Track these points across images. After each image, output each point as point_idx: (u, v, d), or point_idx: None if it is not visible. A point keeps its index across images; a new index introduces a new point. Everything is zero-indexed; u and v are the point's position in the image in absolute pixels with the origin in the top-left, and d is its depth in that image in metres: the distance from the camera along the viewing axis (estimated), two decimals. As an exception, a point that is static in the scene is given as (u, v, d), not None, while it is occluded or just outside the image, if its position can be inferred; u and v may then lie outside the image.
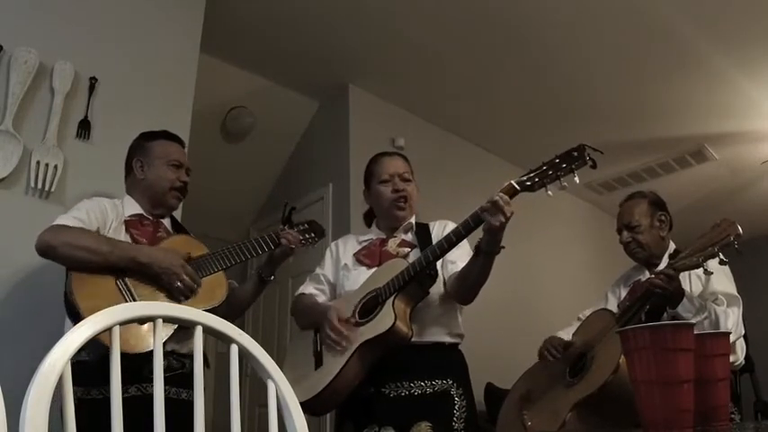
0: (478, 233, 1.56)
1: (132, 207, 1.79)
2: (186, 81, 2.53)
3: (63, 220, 1.60)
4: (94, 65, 2.24)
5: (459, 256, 1.72)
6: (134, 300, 1.54)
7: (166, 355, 1.52)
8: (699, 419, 1.12)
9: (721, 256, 1.51)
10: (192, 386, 1.58)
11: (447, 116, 4.03)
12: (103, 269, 1.53)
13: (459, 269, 1.68)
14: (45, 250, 1.53)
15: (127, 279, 1.56)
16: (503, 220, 1.45)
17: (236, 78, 3.56)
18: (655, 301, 1.72)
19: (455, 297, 1.74)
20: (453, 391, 1.66)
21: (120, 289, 1.54)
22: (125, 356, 0.83)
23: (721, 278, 1.80)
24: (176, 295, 1.58)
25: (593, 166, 1.45)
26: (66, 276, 1.53)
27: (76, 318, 1.47)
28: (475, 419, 1.70)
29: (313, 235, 1.90)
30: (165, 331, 1.44)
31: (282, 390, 0.96)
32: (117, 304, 1.46)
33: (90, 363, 1.38)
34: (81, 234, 1.56)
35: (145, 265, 1.55)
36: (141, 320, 0.91)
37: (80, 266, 1.52)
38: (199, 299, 1.60)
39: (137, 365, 1.36)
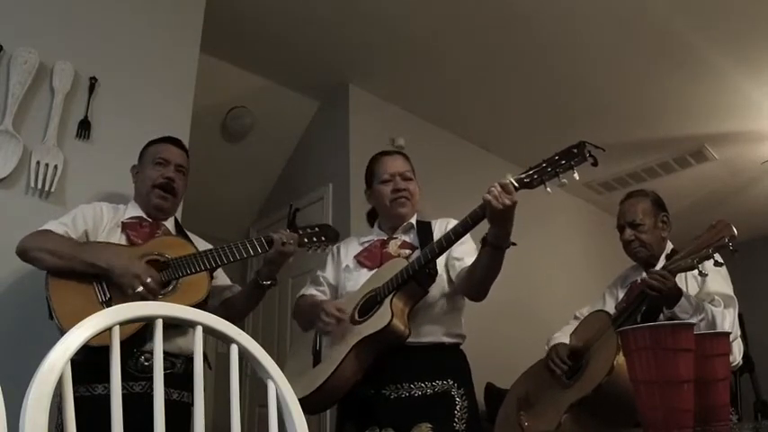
0: (481, 232, 1.56)
1: (134, 210, 1.82)
2: (186, 81, 2.53)
3: (49, 225, 1.64)
4: (94, 65, 2.24)
5: (465, 253, 1.72)
6: (105, 293, 1.55)
7: (149, 354, 1.53)
8: (699, 419, 1.12)
9: (716, 258, 1.50)
10: (184, 387, 1.60)
11: (447, 116, 4.03)
12: (79, 272, 1.55)
13: (467, 265, 1.67)
14: (20, 253, 1.59)
15: (103, 280, 1.57)
16: (507, 202, 1.42)
17: (236, 78, 3.56)
18: (651, 301, 1.72)
19: (465, 293, 1.73)
20: (454, 392, 1.66)
21: (93, 284, 1.56)
22: (107, 352, 0.83)
23: (717, 279, 1.79)
24: (134, 299, 1.55)
25: (595, 164, 1.43)
26: (46, 280, 1.56)
27: (51, 314, 1.51)
28: (477, 420, 1.70)
29: (323, 239, 1.86)
30: (130, 329, 1.43)
31: (282, 390, 0.96)
32: (89, 299, 1.50)
33: (74, 362, 1.40)
34: (52, 239, 1.59)
35: (105, 270, 1.55)
36: (141, 320, 0.91)
37: (52, 270, 1.55)
38: (175, 299, 1.59)
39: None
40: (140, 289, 1.52)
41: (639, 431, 1.15)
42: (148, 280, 1.53)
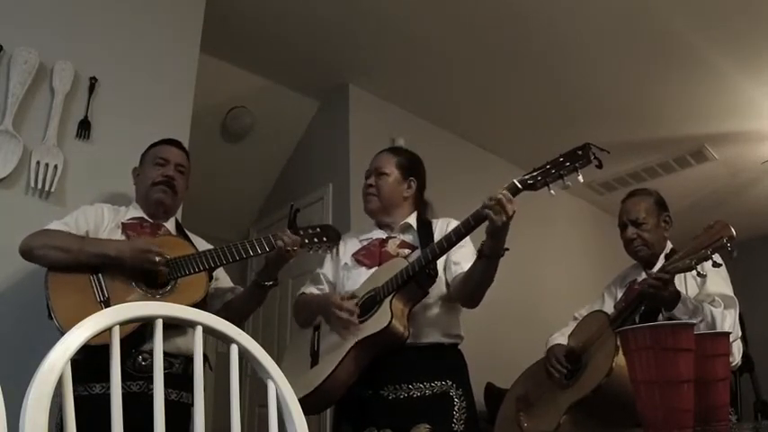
0: (481, 234, 1.55)
1: (135, 212, 1.84)
2: (186, 81, 2.53)
3: (50, 225, 1.66)
4: (94, 65, 2.24)
5: (464, 257, 1.71)
6: (103, 293, 1.56)
7: (147, 354, 1.54)
8: (699, 419, 1.12)
9: (714, 259, 1.50)
10: (183, 387, 1.60)
11: (448, 116, 4.03)
12: (78, 267, 1.57)
13: (464, 270, 1.67)
14: (24, 252, 1.60)
15: (100, 274, 1.58)
16: (504, 219, 1.43)
17: (236, 78, 3.56)
18: (650, 303, 1.72)
19: (459, 300, 1.73)
20: (453, 392, 1.65)
21: (92, 284, 1.57)
22: (106, 351, 0.83)
23: (717, 280, 1.78)
24: (158, 270, 1.59)
25: (599, 166, 1.42)
26: (46, 279, 1.57)
27: (49, 313, 1.52)
28: (475, 420, 1.69)
29: (325, 239, 1.85)
30: (128, 328, 1.43)
31: (282, 390, 0.96)
32: (87, 298, 1.51)
33: (73, 361, 1.40)
34: (57, 235, 1.61)
35: (115, 258, 1.58)
36: (141, 320, 0.91)
37: (55, 266, 1.57)
38: (173, 299, 1.60)
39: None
40: (158, 258, 1.57)
41: (639, 431, 1.15)
42: (157, 249, 1.58)
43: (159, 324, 0.89)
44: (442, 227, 1.81)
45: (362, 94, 3.74)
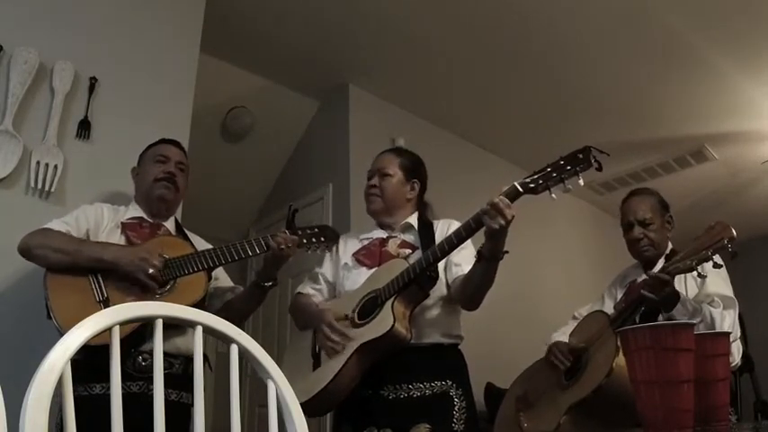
0: (482, 237, 1.55)
1: (135, 211, 1.83)
2: (186, 81, 2.53)
3: (50, 224, 1.66)
4: (94, 65, 2.24)
5: (464, 259, 1.70)
6: (102, 293, 1.56)
7: (147, 354, 1.54)
8: (699, 419, 1.12)
9: (715, 260, 1.49)
10: (183, 387, 1.60)
11: (448, 116, 4.03)
12: (78, 268, 1.57)
13: (464, 272, 1.67)
14: (23, 251, 1.60)
15: (99, 275, 1.59)
16: (502, 223, 1.43)
17: (236, 78, 3.56)
18: (649, 304, 1.71)
19: (459, 303, 1.73)
20: (452, 392, 1.65)
21: (91, 284, 1.57)
22: (106, 351, 0.83)
23: (717, 280, 1.78)
24: (147, 284, 1.58)
25: (599, 169, 1.43)
26: (45, 279, 1.57)
27: (49, 313, 1.52)
28: (475, 420, 1.69)
29: (323, 239, 1.85)
30: (127, 328, 1.43)
31: (282, 390, 0.96)
32: (87, 298, 1.51)
33: (73, 361, 1.40)
34: (56, 236, 1.61)
35: (111, 264, 1.57)
36: (141, 320, 0.91)
37: (53, 267, 1.57)
38: (172, 298, 1.60)
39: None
40: (152, 270, 1.55)
41: (639, 431, 1.15)
42: (156, 261, 1.57)
43: (159, 324, 0.89)
44: (443, 228, 1.81)
45: (362, 94, 3.74)
